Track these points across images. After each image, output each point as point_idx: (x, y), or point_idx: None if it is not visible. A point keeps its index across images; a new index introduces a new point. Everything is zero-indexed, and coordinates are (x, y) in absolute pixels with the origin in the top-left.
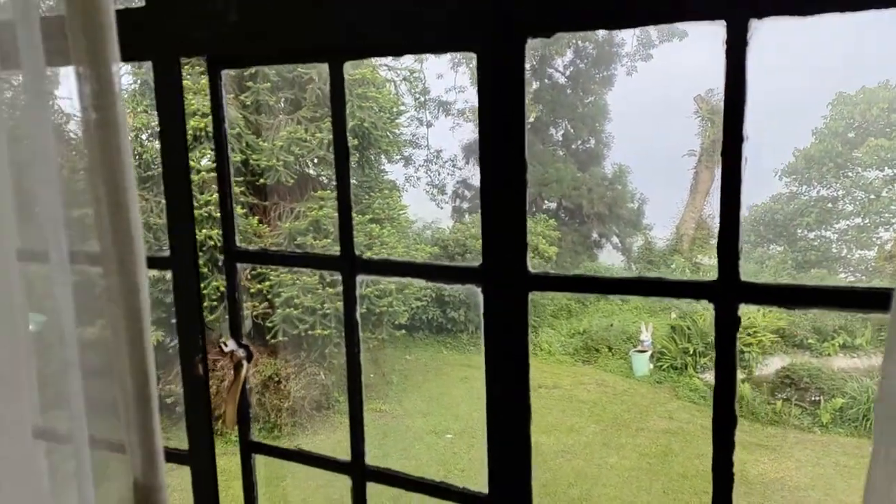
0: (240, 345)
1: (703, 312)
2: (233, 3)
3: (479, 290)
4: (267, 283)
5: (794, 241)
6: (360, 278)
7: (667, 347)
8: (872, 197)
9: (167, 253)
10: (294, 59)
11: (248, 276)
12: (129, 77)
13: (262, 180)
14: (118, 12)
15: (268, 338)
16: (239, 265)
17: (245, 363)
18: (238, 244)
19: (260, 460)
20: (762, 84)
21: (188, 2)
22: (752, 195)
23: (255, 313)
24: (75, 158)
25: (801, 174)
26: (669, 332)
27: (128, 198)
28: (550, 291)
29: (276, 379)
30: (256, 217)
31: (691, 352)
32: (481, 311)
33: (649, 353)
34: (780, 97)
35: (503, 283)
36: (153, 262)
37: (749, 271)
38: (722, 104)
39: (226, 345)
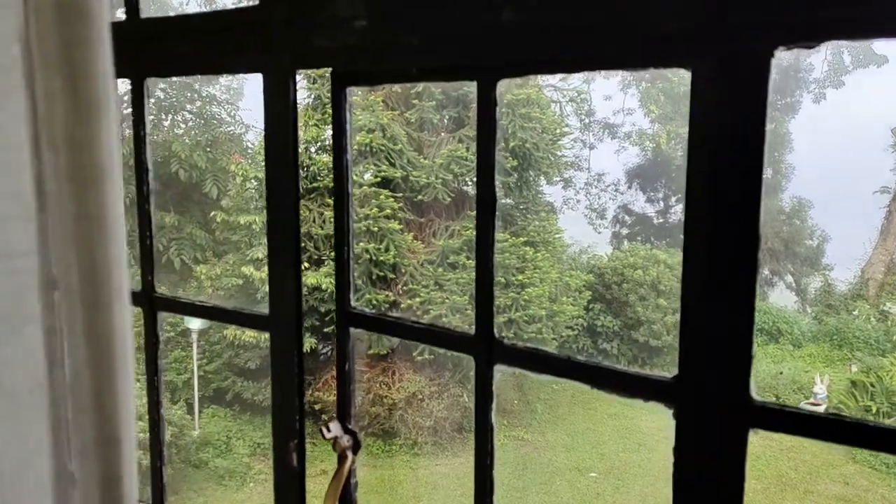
0: (346, 430)
1: (891, 368)
2: (360, 4)
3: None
4: (417, 299)
5: None
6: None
7: (844, 403)
8: None
9: (266, 310)
10: (436, 75)
11: (401, 292)
12: (304, 91)
13: (419, 197)
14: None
15: (414, 354)
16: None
17: (350, 454)
18: (353, 305)
19: None
20: None
21: (308, 1)
22: None
23: None
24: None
25: None
26: (849, 387)
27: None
28: None
29: (420, 397)
30: (412, 233)
31: (874, 411)
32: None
33: (823, 407)
34: None
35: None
36: (248, 320)
37: None
38: None
39: (328, 428)
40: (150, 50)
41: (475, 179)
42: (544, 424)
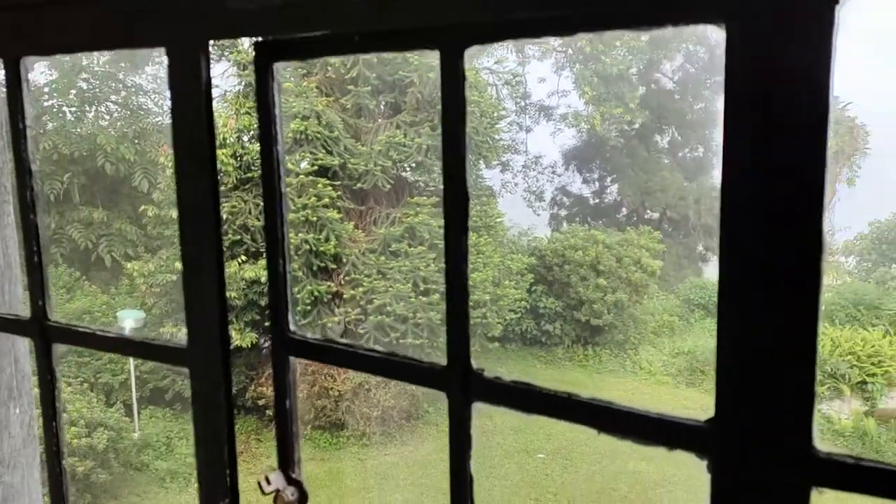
0: (290, 480)
1: (824, 337)
2: None
3: None
4: (360, 288)
5: None
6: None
7: None
8: None
9: (184, 342)
10: (385, 43)
11: (343, 282)
12: (233, 79)
13: (359, 185)
14: None
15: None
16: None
17: None
18: (292, 331)
19: None
20: (891, 90)
21: None
22: (874, 211)
23: (347, 319)
24: None
25: None
26: None
27: None
28: None
29: (367, 387)
30: (352, 222)
31: None
32: None
33: None
34: None
35: None
36: (160, 354)
37: (864, 292)
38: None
39: (268, 481)
40: (24, 23)
41: (413, 166)
42: (491, 408)
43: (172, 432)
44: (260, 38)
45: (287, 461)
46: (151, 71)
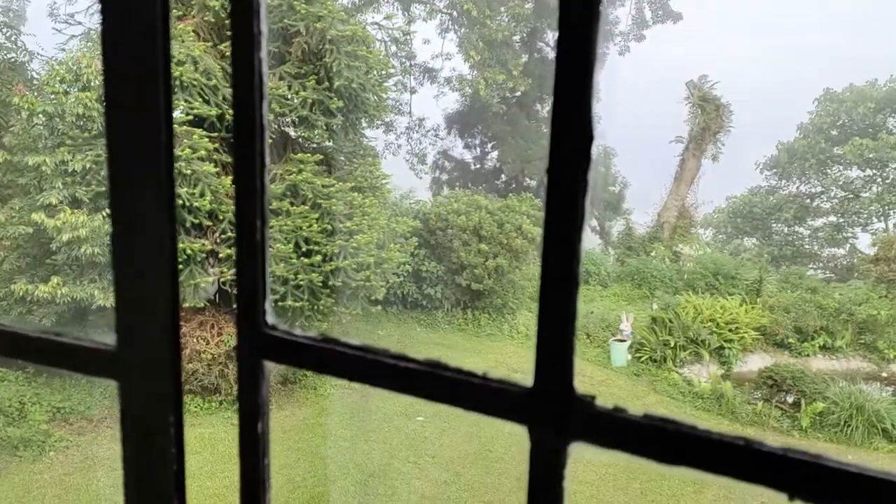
0: None
1: (687, 305)
2: None
3: None
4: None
5: (769, 236)
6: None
7: (647, 339)
8: (851, 196)
9: (110, 339)
10: None
11: (218, 240)
12: (98, 16)
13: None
14: None
15: (235, 306)
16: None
17: None
18: (270, 325)
19: None
20: (754, 72)
21: None
22: (731, 186)
23: (222, 279)
24: None
25: (783, 168)
26: (650, 324)
27: None
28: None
29: None
30: (229, 177)
31: (672, 345)
32: None
33: (629, 343)
34: (770, 87)
35: None
36: (73, 358)
37: (722, 262)
38: (715, 91)
39: None
40: None
41: (297, 121)
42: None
43: (25, 397)
44: None
45: None
46: (3, 3)
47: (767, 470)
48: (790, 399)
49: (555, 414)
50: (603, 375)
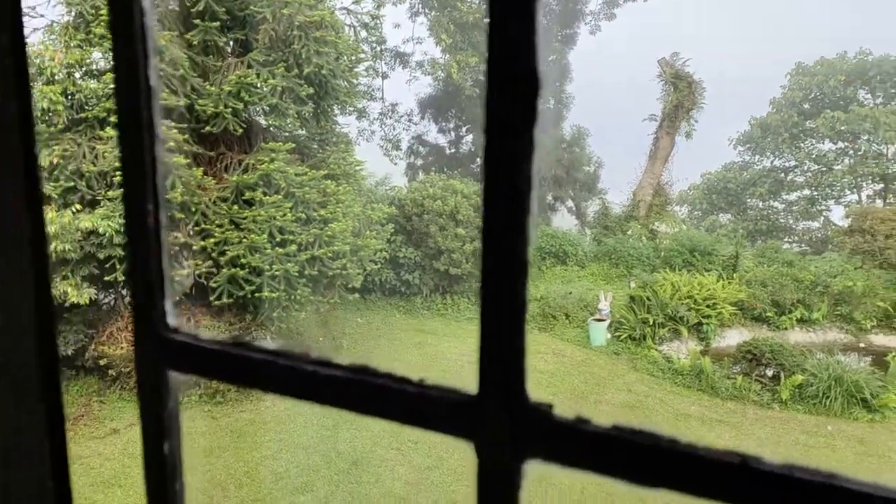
0: None
1: (664, 282)
2: None
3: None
4: (211, 239)
5: (744, 211)
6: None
7: (625, 317)
8: (824, 169)
9: None
10: None
11: (191, 233)
12: (61, 7)
13: (207, 128)
14: None
15: (211, 299)
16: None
17: None
18: (173, 328)
19: None
20: (726, 48)
21: None
22: (705, 163)
23: (198, 272)
24: None
25: (757, 143)
26: (628, 302)
27: None
28: None
29: None
30: (201, 168)
31: (650, 323)
32: None
33: (608, 322)
34: (742, 63)
35: None
36: None
37: (698, 239)
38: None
39: None
40: None
41: (267, 109)
42: (351, 360)
43: None
44: None
45: None
46: None
47: (767, 492)
48: (769, 372)
49: (504, 426)
50: (583, 356)
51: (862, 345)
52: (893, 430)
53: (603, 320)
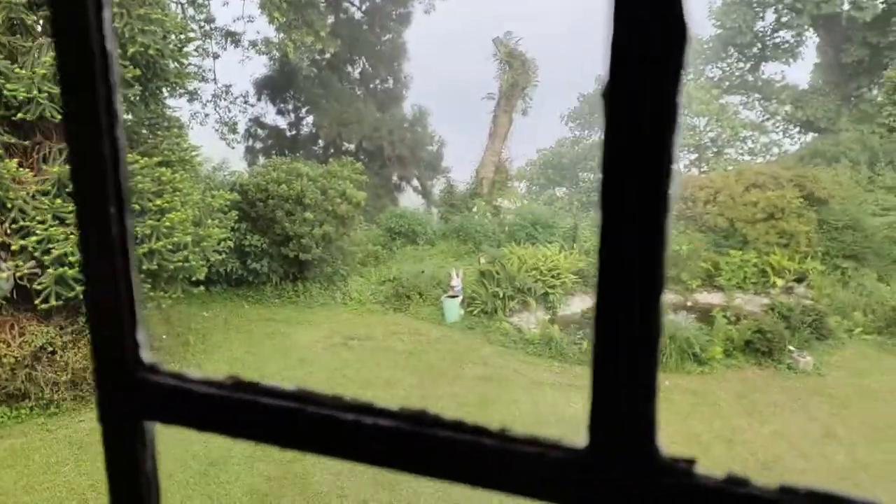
0: None
1: (511, 256)
2: None
3: None
4: (33, 237)
5: (578, 184)
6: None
7: (477, 292)
8: None
9: None
10: None
11: (9, 231)
12: None
13: (20, 115)
14: None
15: (36, 302)
16: None
17: None
18: (148, 366)
19: None
20: (548, 27)
21: None
22: (540, 140)
23: (18, 274)
24: None
25: (585, 118)
26: (479, 278)
27: None
28: None
29: (51, 349)
30: (15, 159)
31: (500, 296)
32: None
33: (460, 298)
34: (570, 40)
35: None
36: None
37: (539, 213)
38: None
39: None
40: None
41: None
42: (199, 356)
43: None
44: None
45: None
46: None
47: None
48: None
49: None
50: (438, 332)
51: (689, 303)
52: (720, 380)
53: (456, 297)
